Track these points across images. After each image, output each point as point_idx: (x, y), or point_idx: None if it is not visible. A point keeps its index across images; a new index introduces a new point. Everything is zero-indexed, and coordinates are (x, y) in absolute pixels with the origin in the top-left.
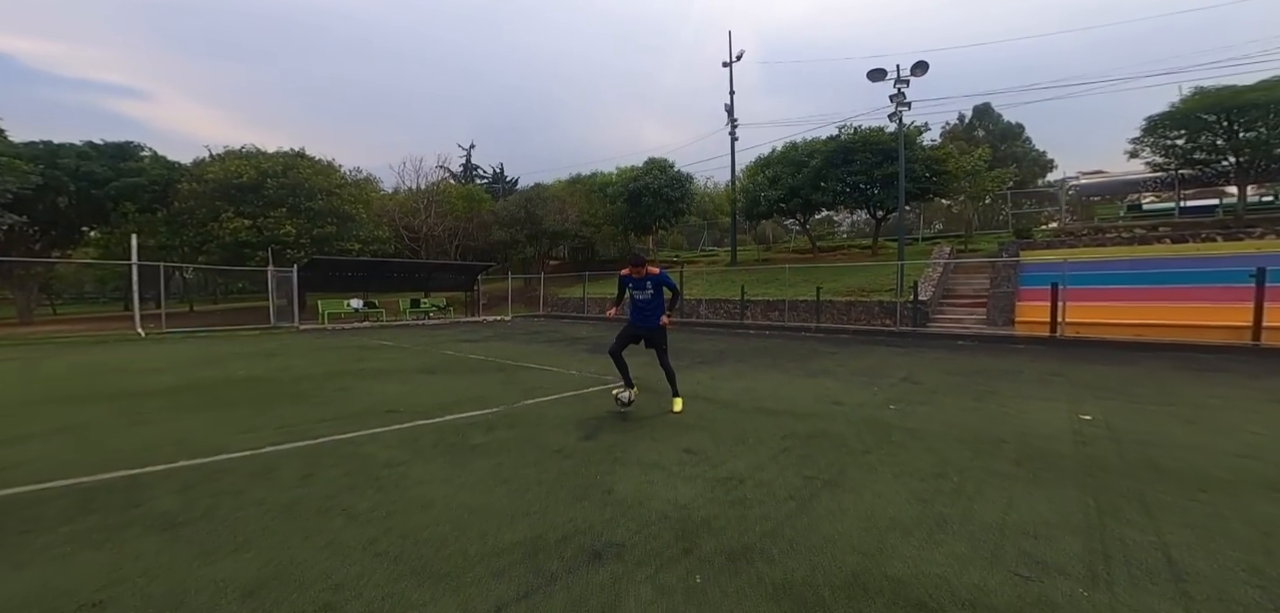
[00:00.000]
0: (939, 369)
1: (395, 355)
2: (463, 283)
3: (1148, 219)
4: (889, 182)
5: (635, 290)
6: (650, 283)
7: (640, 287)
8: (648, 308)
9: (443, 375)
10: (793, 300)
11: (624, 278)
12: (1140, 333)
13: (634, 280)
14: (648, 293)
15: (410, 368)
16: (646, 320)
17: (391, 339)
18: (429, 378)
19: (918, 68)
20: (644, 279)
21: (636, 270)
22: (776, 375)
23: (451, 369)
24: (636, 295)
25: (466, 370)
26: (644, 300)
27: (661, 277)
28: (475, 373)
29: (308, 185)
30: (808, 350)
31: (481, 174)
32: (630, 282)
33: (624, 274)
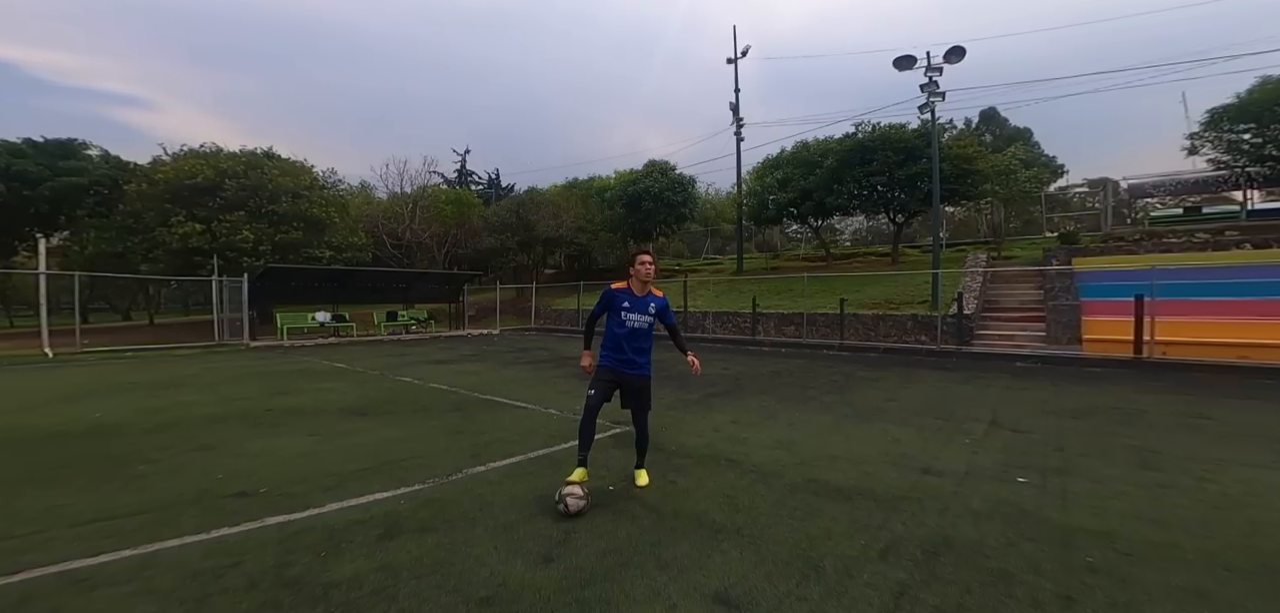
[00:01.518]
0: (1030, 407)
1: (335, 384)
2: (447, 294)
3: (1211, 223)
4: (912, 183)
5: (629, 313)
6: (654, 305)
7: (640, 308)
8: (639, 343)
9: (376, 418)
10: (811, 312)
11: (614, 295)
12: (1245, 354)
13: (631, 298)
14: (647, 318)
15: (338, 406)
16: (634, 363)
17: (349, 360)
18: (354, 423)
19: (952, 54)
20: (646, 299)
21: (640, 272)
22: (818, 415)
23: (393, 407)
24: (628, 321)
25: (413, 409)
26: (638, 329)
27: (666, 302)
28: (422, 414)
29: (272, 187)
30: (840, 375)
31: (476, 180)
32: (624, 300)
33: (616, 288)
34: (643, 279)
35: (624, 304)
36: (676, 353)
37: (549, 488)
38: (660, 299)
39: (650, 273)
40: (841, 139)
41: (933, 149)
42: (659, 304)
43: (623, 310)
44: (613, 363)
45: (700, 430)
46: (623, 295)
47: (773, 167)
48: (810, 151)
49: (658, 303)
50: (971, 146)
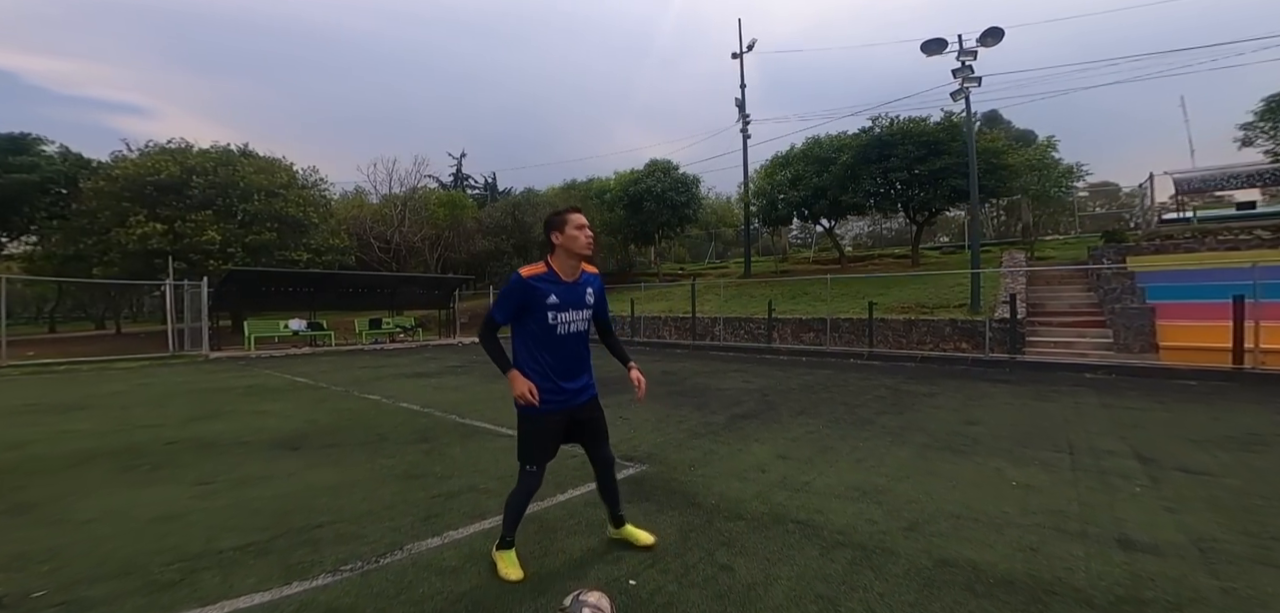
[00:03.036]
0: (1162, 434)
1: (281, 405)
2: (437, 299)
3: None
4: (936, 178)
5: (559, 312)
6: (592, 290)
7: (573, 300)
8: (578, 352)
9: (309, 455)
10: (834, 318)
11: (529, 288)
12: None
13: (558, 287)
14: (584, 313)
15: (269, 436)
16: (579, 385)
17: (316, 373)
18: (273, 464)
19: (988, 36)
20: (581, 284)
21: (573, 241)
22: (890, 446)
23: (339, 438)
24: (560, 325)
25: (365, 440)
26: (575, 333)
27: (602, 284)
28: (375, 447)
29: (243, 184)
30: (885, 389)
31: (472, 183)
32: (548, 292)
33: (531, 275)
34: (577, 252)
35: (550, 298)
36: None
37: (537, 580)
38: (596, 279)
39: (589, 242)
40: (857, 134)
41: (969, 139)
42: (597, 288)
43: (549, 309)
44: (561, 394)
45: (742, 470)
46: (544, 286)
47: (782, 164)
48: (823, 148)
49: (595, 287)
50: (999, 141)
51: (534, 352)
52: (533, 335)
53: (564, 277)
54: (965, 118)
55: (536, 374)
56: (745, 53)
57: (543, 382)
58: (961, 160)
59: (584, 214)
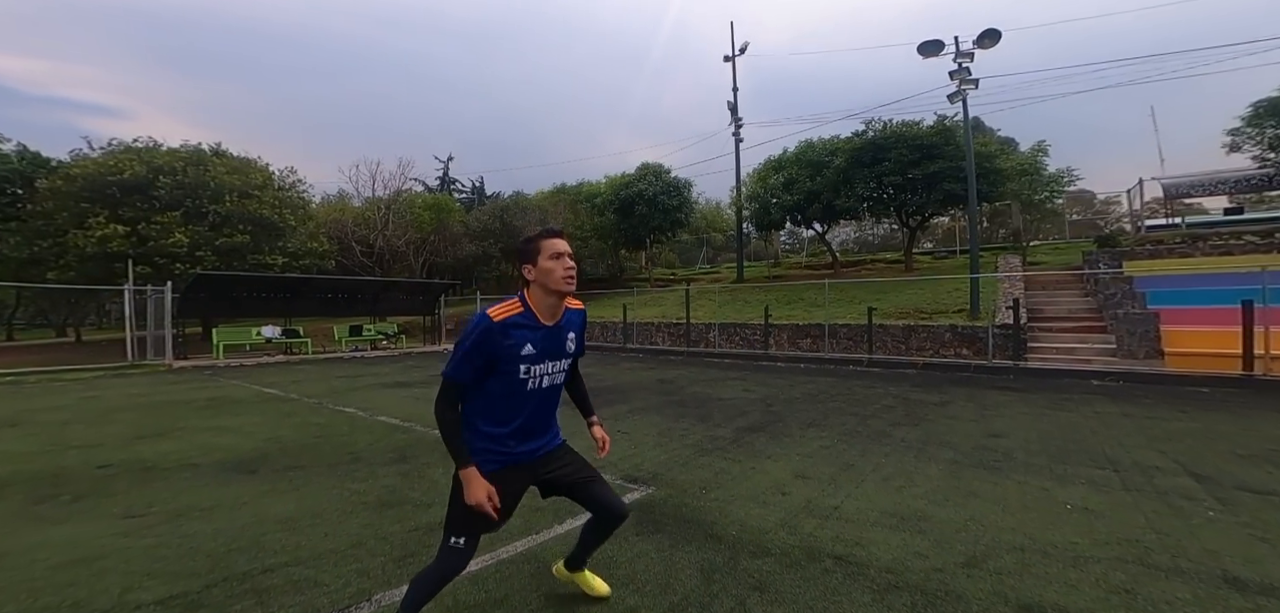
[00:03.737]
0: (1200, 446)
1: (242, 420)
2: (422, 305)
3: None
4: (930, 183)
5: (536, 365)
6: (573, 331)
7: (553, 347)
8: (548, 406)
9: (267, 479)
10: (832, 324)
11: (498, 336)
12: None
13: (536, 332)
14: (564, 362)
15: (223, 457)
16: (539, 437)
17: (287, 383)
18: (223, 490)
19: (985, 38)
20: (562, 325)
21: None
22: (916, 462)
23: (305, 458)
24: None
25: (335, 461)
26: (554, 385)
27: (583, 318)
28: (346, 469)
29: (215, 185)
30: (893, 398)
31: (460, 188)
32: (522, 340)
33: (501, 319)
34: (564, 287)
35: (525, 348)
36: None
37: None
38: (578, 316)
39: (569, 276)
40: (851, 137)
41: (967, 142)
42: (578, 328)
43: (522, 361)
44: (512, 456)
45: (760, 493)
46: (519, 335)
47: (775, 168)
48: (816, 151)
49: (577, 328)
50: (991, 144)
51: (493, 413)
52: (496, 394)
53: (544, 319)
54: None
55: (501, 423)
56: (738, 56)
57: (508, 432)
58: (955, 164)
59: (564, 238)
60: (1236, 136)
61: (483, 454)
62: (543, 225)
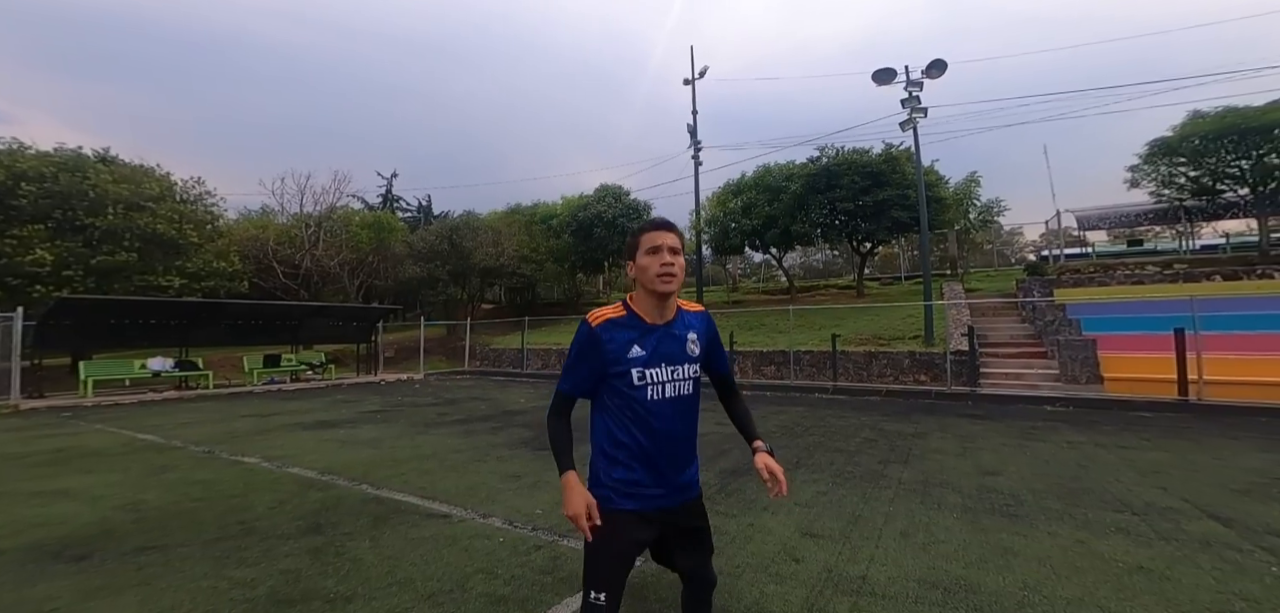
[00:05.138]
0: (1185, 476)
1: (88, 480)
2: (357, 332)
3: (1158, 256)
4: (880, 210)
5: (649, 367)
6: (695, 332)
7: (670, 350)
8: (683, 429)
9: (111, 567)
10: (797, 351)
11: (602, 338)
12: None
13: (644, 333)
14: (689, 369)
15: (55, 534)
16: (680, 475)
17: (170, 427)
18: (44, 584)
19: (933, 68)
20: (679, 326)
21: (653, 269)
22: (922, 509)
23: (176, 533)
24: (651, 387)
25: (219, 535)
26: (679, 396)
27: (711, 324)
28: (233, 548)
29: (94, 196)
30: (870, 430)
31: (404, 206)
32: (628, 340)
33: (604, 321)
34: (658, 286)
35: (632, 351)
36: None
37: None
38: (700, 319)
39: (666, 272)
40: (806, 163)
41: (917, 169)
42: (703, 331)
43: (633, 367)
44: (640, 495)
45: (768, 559)
46: (622, 335)
47: (734, 192)
48: (774, 176)
49: (700, 330)
50: (930, 174)
51: (619, 433)
52: (616, 411)
53: (650, 320)
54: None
55: (622, 466)
56: (697, 79)
57: (628, 455)
58: (901, 192)
59: (672, 230)
60: (1135, 173)
61: (607, 492)
62: (497, 247)
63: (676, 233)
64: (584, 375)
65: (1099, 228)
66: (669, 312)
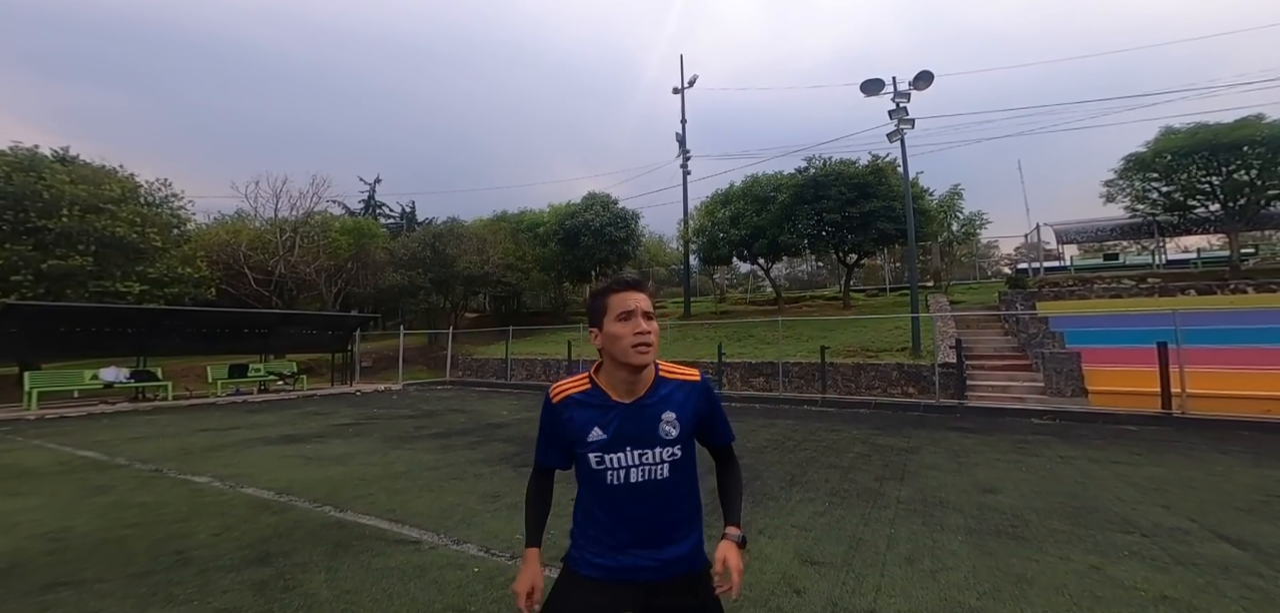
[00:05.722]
0: (1203, 498)
1: (26, 499)
2: (333, 341)
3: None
4: (866, 221)
5: (608, 453)
6: (675, 411)
7: (630, 431)
8: (657, 507)
9: (15, 611)
10: (785, 362)
11: (560, 415)
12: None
13: (605, 410)
14: (665, 452)
15: None
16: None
17: (116, 443)
18: None
19: (920, 79)
20: (651, 401)
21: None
22: (933, 534)
23: (102, 567)
24: (613, 471)
25: (150, 568)
26: (645, 482)
27: (705, 391)
28: (166, 583)
29: (49, 197)
30: (862, 445)
31: (387, 212)
32: (587, 422)
33: (564, 397)
34: (634, 359)
35: (593, 434)
36: None
37: None
38: (687, 391)
39: (640, 343)
40: (793, 174)
41: (904, 180)
42: (690, 407)
43: (590, 451)
44: (614, 566)
45: (768, 591)
46: (582, 412)
47: (723, 202)
48: (762, 186)
49: (685, 405)
50: (915, 186)
51: (590, 506)
52: (582, 483)
53: (617, 396)
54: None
55: (592, 536)
56: (687, 88)
57: (599, 544)
58: (887, 203)
59: (644, 292)
60: (1111, 188)
61: (578, 554)
62: (481, 255)
63: (648, 293)
64: (553, 450)
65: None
66: (641, 386)
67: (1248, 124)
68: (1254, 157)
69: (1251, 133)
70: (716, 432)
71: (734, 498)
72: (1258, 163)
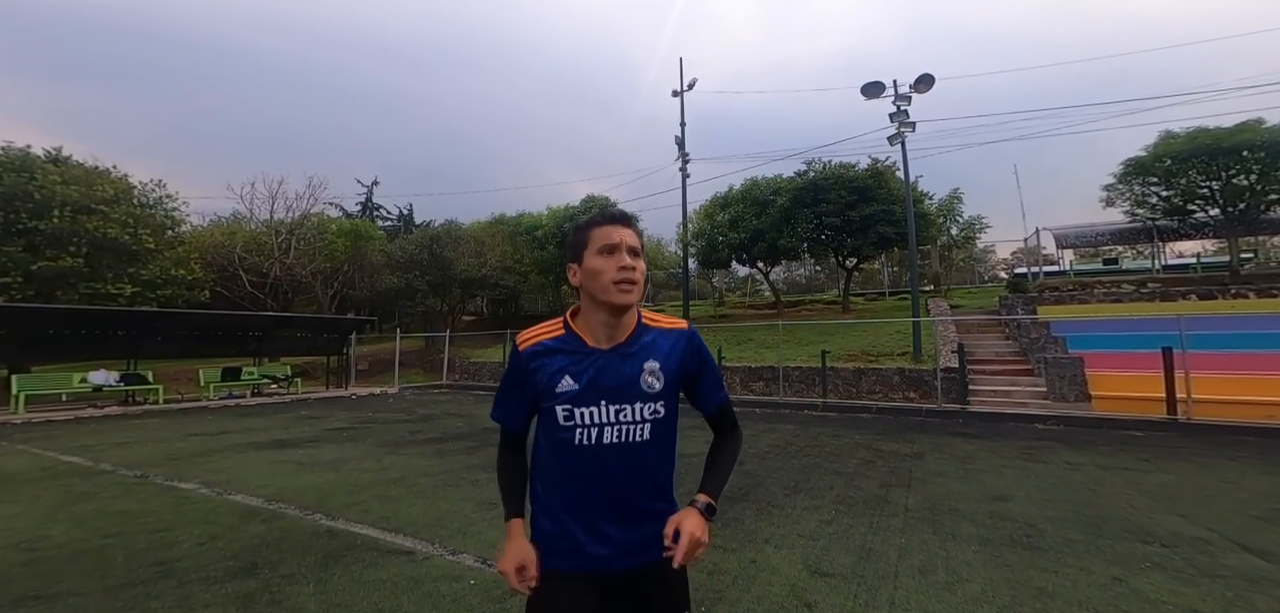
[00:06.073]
0: (1219, 507)
1: (3, 508)
2: (329, 343)
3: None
4: (866, 225)
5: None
6: (661, 359)
7: (608, 381)
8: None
9: None
10: (786, 366)
11: (528, 363)
12: None
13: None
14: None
15: None
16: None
17: (102, 447)
18: None
19: (922, 82)
20: (629, 351)
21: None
22: (945, 544)
23: (78, 580)
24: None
25: (128, 581)
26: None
27: (691, 342)
28: (144, 597)
29: (40, 198)
30: (865, 451)
31: (385, 215)
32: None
33: (534, 343)
34: (616, 296)
35: (561, 383)
36: None
37: None
38: (674, 338)
39: (624, 279)
40: (792, 178)
41: (905, 183)
42: (676, 352)
43: (559, 401)
44: (578, 554)
45: (774, 602)
46: (553, 360)
47: (722, 205)
48: (761, 189)
49: (668, 351)
50: (914, 190)
51: (549, 476)
52: (547, 451)
53: (593, 342)
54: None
55: (553, 517)
56: (686, 91)
57: (561, 529)
58: (887, 207)
59: (629, 227)
60: (1110, 192)
61: (543, 542)
62: (479, 258)
63: (635, 228)
64: (514, 407)
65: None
66: (622, 331)
67: (1247, 128)
68: (1254, 161)
69: (1251, 137)
70: (710, 390)
71: (720, 467)
72: (1258, 167)
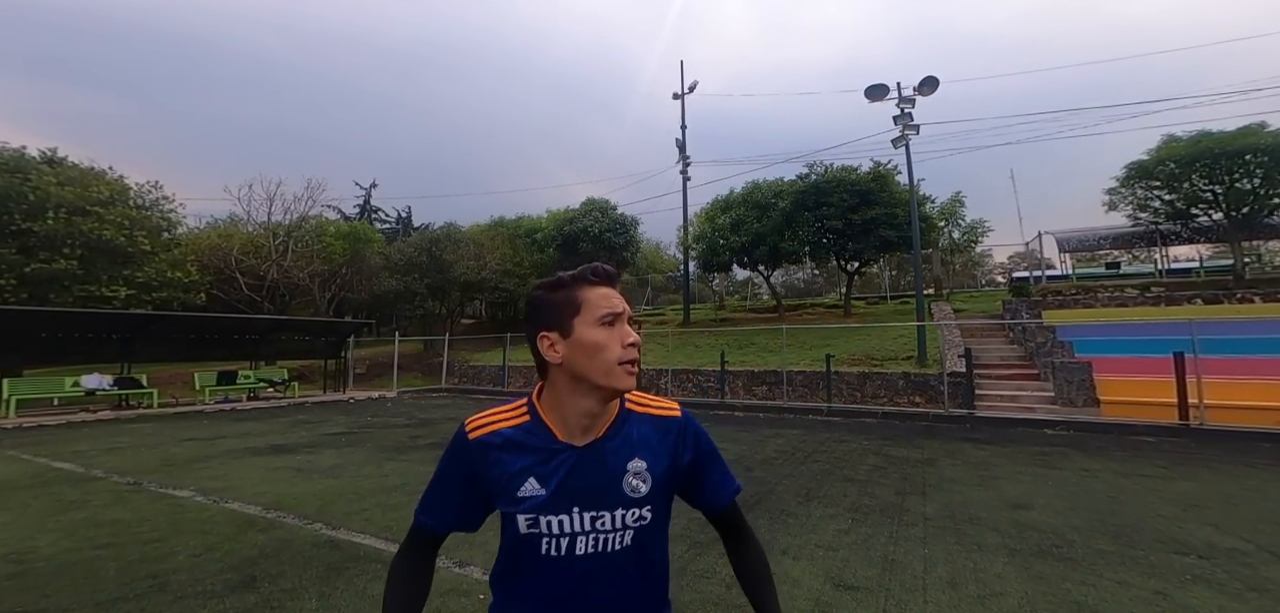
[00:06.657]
0: (1248, 515)
1: None
2: (326, 347)
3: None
4: (868, 228)
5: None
6: (649, 451)
7: (584, 483)
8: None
9: None
10: (789, 371)
11: (470, 452)
12: None
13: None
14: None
15: None
16: None
17: (95, 453)
18: None
19: (925, 84)
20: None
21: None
22: (970, 555)
23: (66, 593)
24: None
25: (120, 595)
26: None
27: (688, 427)
28: (138, 611)
29: (34, 199)
30: (875, 457)
31: (383, 217)
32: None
33: (473, 435)
34: (619, 382)
35: (526, 486)
36: None
37: None
38: (665, 429)
39: (628, 362)
40: (794, 181)
41: (910, 185)
42: (665, 446)
43: (521, 512)
44: None
45: None
46: (513, 456)
47: (723, 208)
48: (763, 192)
49: (656, 446)
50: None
51: (508, 586)
52: (505, 559)
53: (564, 435)
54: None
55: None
56: (687, 94)
57: None
58: (890, 211)
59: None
60: (1113, 196)
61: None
62: (479, 260)
63: (619, 289)
64: (448, 505)
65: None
66: (601, 423)
67: (1250, 132)
68: (1257, 165)
69: (1254, 141)
70: (714, 488)
71: (767, 585)
72: (1260, 171)
